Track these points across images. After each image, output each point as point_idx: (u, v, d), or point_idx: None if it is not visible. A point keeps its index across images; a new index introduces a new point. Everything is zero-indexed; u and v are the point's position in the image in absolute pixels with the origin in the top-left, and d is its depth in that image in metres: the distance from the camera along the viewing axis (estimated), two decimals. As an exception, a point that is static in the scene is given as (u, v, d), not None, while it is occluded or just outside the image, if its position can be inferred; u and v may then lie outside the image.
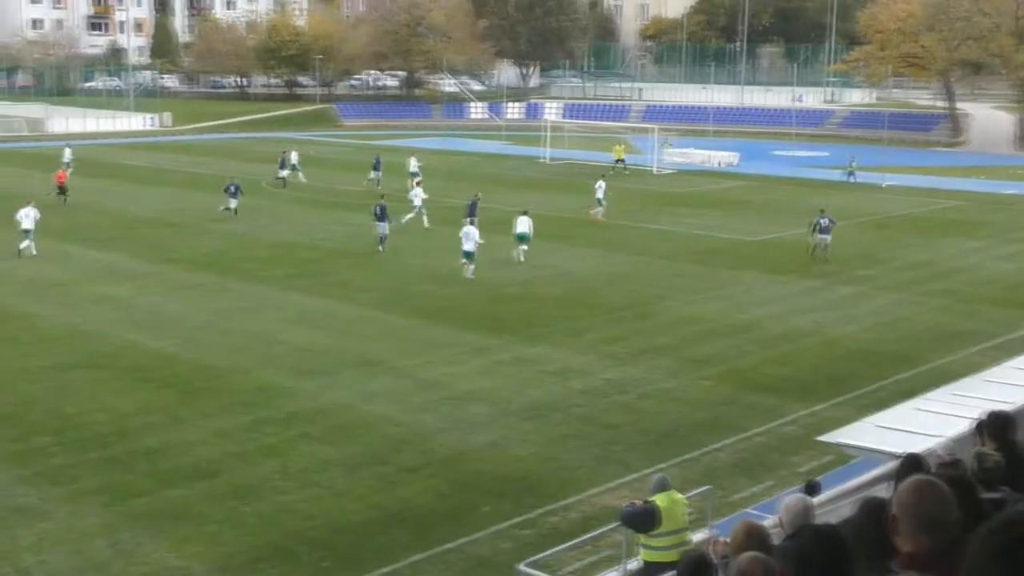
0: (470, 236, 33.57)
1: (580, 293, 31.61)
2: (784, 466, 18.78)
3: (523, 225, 35.69)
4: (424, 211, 42.04)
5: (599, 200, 44.89)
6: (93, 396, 21.89)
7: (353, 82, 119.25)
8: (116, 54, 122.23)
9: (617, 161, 61.32)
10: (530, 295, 31.36)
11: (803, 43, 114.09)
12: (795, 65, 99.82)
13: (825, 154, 73.83)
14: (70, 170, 50.33)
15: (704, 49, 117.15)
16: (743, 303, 30.55)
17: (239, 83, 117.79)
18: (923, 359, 25.11)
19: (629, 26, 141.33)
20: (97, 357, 24.66)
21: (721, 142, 76.03)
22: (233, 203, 43.99)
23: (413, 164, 53.67)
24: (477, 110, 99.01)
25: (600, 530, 13.99)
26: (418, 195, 42.77)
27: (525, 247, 35.57)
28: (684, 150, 70.40)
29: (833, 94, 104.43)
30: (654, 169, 62.86)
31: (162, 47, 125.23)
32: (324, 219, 44.47)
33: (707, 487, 14.66)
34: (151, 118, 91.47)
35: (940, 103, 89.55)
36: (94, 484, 17.56)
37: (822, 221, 36.66)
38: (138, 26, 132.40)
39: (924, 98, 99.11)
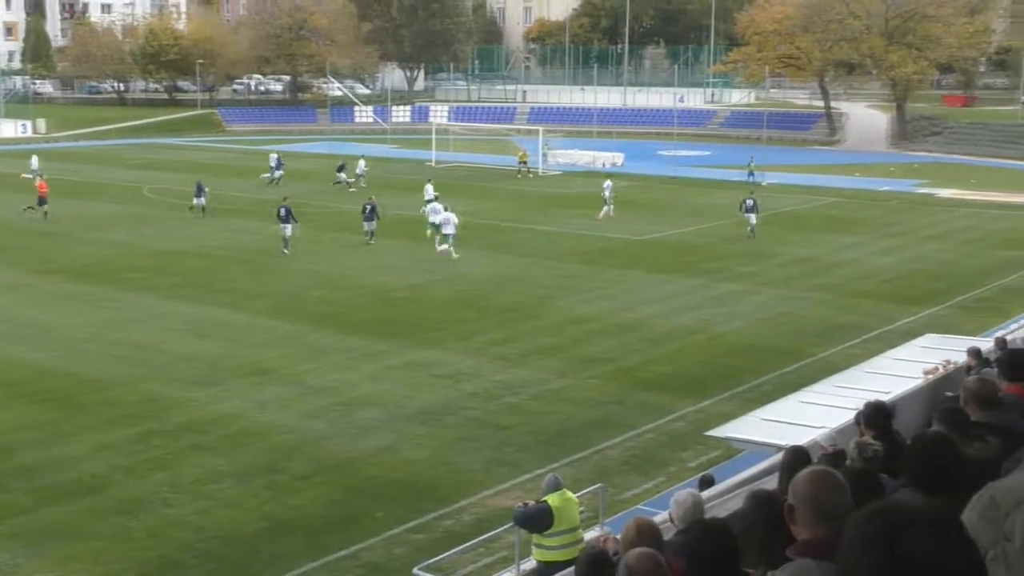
0: (449, 220, 36.97)
1: (469, 296, 31.66)
2: (674, 462, 19.07)
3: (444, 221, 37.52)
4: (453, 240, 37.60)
5: (605, 200, 45.88)
6: (-31, 413, 21.18)
7: (236, 87, 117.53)
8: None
9: (521, 163, 61.97)
10: (420, 299, 31.30)
11: (685, 44, 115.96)
12: (677, 66, 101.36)
13: (708, 153, 75.24)
14: (42, 178, 48.32)
15: (588, 51, 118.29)
16: (630, 302, 30.93)
17: (117, 88, 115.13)
18: (806, 352, 25.73)
19: (514, 28, 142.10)
20: (-27, 372, 23.87)
21: (606, 143, 76.85)
22: (200, 201, 45.49)
23: (429, 191, 46.32)
24: (363, 114, 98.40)
25: (494, 532, 14.02)
26: (450, 220, 37.70)
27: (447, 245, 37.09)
28: (569, 151, 70.99)
29: (714, 95, 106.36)
30: (540, 171, 63.28)
31: (35, 51, 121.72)
32: (212, 227, 43.75)
33: (599, 485, 14.79)
34: (23, 124, 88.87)
35: (817, 103, 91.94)
36: (-29, 504, 17.01)
37: (748, 202, 41.41)
38: (8, 30, 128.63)
39: (801, 98, 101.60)
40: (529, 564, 12.69)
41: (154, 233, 42.18)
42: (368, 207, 40.09)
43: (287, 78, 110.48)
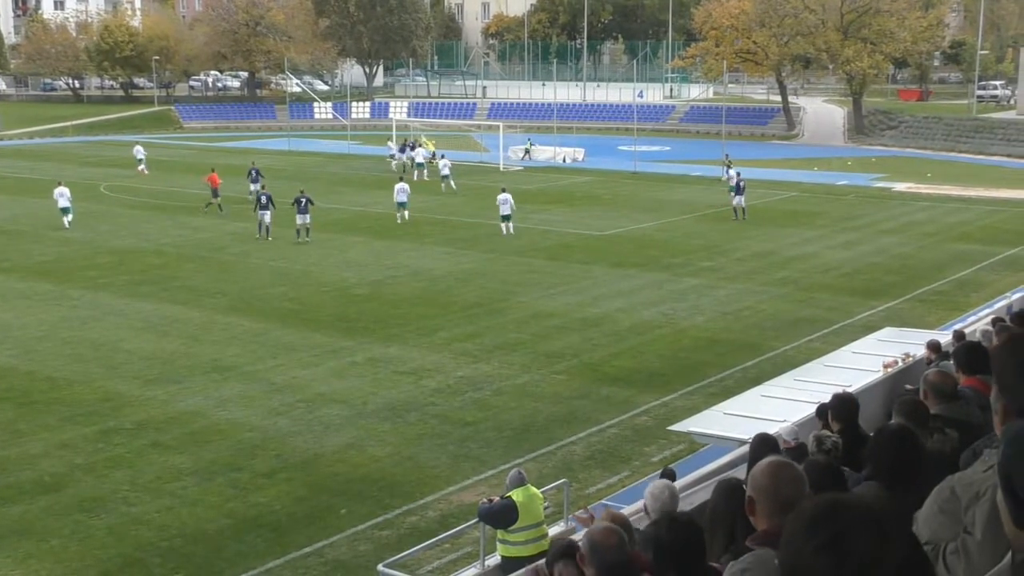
0: (506, 201, 40.15)
1: (432, 292, 31.59)
2: (638, 456, 19.12)
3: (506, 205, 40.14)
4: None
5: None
6: (-75, 413, 20.88)
7: (193, 83, 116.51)
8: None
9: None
10: (382, 295, 31.20)
11: (643, 40, 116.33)
12: (636, 62, 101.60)
13: (667, 149, 75.49)
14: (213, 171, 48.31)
15: (547, 47, 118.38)
16: (593, 297, 30.99)
17: (72, 85, 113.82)
18: (767, 346, 25.89)
19: (472, 24, 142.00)
20: (-72, 373, 23.53)
21: (565, 138, 76.91)
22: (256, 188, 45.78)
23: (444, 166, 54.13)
24: (322, 110, 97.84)
25: (458, 528, 14.00)
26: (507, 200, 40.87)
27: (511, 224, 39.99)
28: (534, 147, 70.91)
29: (673, 90, 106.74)
30: (501, 166, 63.25)
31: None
32: (168, 224, 43.38)
33: (563, 480, 14.81)
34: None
35: (775, 98, 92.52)
36: (-72, 505, 16.76)
37: (740, 184, 44.49)
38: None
39: (759, 93, 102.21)
40: (494, 560, 12.69)
41: (110, 230, 41.77)
42: (264, 197, 40.22)
43: (245, 75, 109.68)
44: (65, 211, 42.59)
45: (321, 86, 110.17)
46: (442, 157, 55.82)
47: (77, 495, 17.17)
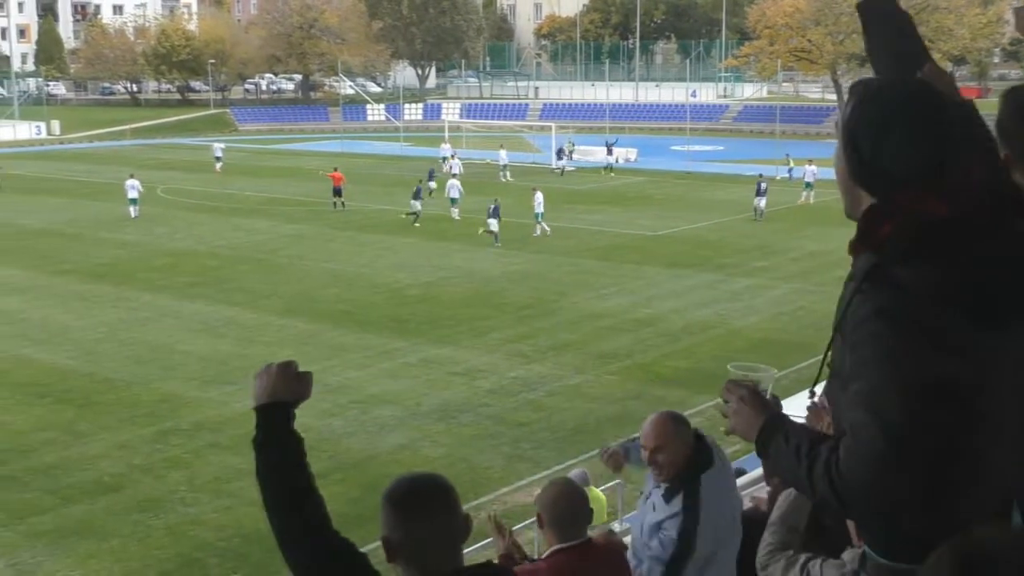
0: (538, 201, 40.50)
1: (484, 293, 31.62)
2: (692, 457, 18.98)
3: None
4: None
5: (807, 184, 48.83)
6: (-13, 414, 21.25)
7: (248, 86, 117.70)
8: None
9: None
10: (434, 296, 31.28)
11: (696, 39, 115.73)
12: (689, 61, 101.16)
13: (721, 148, 75.00)
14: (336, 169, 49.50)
15: (599, 47, 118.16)
16: (646, 298, 30.86)
17: (130, 89, 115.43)
18: (822, 347, 25.51)
19: (524, 25, 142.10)
20: (-10, 373, 23.95)
21: (619, 138, 76.61)
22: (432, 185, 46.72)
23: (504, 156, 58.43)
24: (375, 112, 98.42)
25: (514, 528, 13.96)
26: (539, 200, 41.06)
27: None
28: (583, 147, 70.82)
29: (726, 89, 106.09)
30: (553, 166, 63.19)
31: (47, 53, 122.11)
32: (224, 226, 43.81)
33: (617, 481, 14.75)
34: (37, 126, 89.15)
35: (830, 96, 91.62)
36: (-9, 504, 17.06)
37: (761, 185, 44.79)
38: (21, 32, 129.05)
39: (814, 91, 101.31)
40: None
41: (167, 233, 42.27)
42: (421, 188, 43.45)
43: (298, 77, 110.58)
44: (133, 202, 45.07)
45: (374, 88, 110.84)
46: (452, 156, 58.15)
47: (136, 495, 17.38)
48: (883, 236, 2.68)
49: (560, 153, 64.46)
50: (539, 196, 40.82)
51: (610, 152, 63.91)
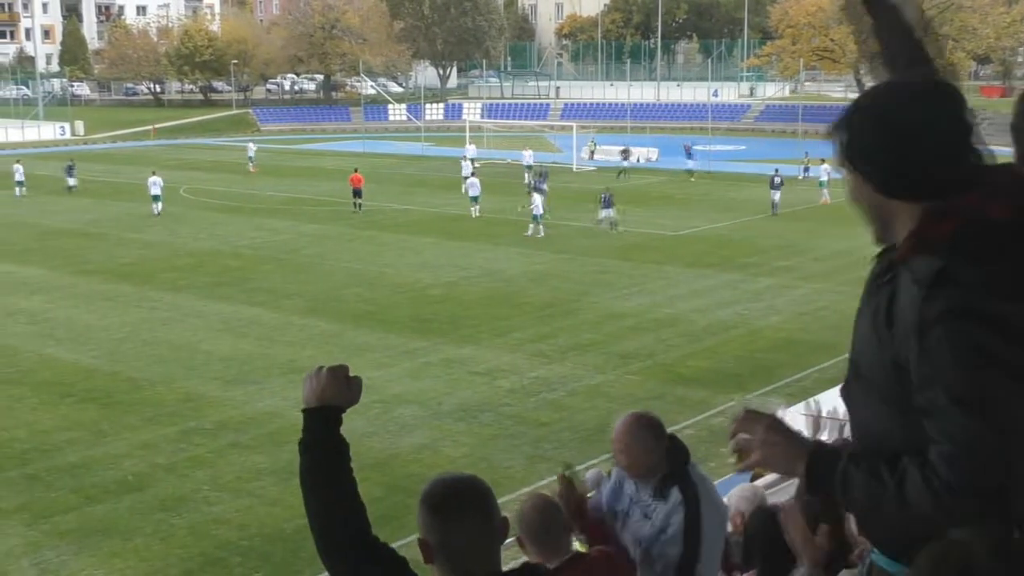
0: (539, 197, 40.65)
1: (505, 293, 31.63)
2: (714, 457, 18.89)
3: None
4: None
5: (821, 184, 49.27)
6: (9, 412, 21.36)
7: (270, 87, 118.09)
8: (24, 62, 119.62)
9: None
10: (455, 296, 31.31)
11: (718, 38, 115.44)
12: (711, 60, 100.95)
13: (743, 148, 74.80)
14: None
15: (621, 46, 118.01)
16: (667, 297, 30.80)
17: (153, 89, 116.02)
18: (845, 347, 25.35)
19: (545, 25, 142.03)
20: (12, 372, 24.08)
21: (640, 138, 76.59)
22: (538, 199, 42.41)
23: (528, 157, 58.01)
24: (396, 112, 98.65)
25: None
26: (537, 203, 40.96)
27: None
28: (603, 146, 70.79)
29: (749, 89, 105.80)
30: (574, 167, 63.14)
31: (72, 54, 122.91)
32: (246, 226, 43.98)
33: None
34: (62, 127, 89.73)
35: (853, 96, 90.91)
36: (15, 503, 17.16)
37: (775, 179, 45.93)
38: (46, 33, 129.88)
39: (837, 91, 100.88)
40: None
41: (189, 233, 42.46)
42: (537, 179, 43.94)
43: (320, 77, 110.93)
44: (156, 198, 45.72)
45: (395, 88, 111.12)
46: (465, 158, 57.08)
47: (159, 494, 17.46)
48: (943, 238, 2.64)
49: (625, 154, 63.02)
50: (537, 198, 40.77)
51: (626, 157, 63.10)
